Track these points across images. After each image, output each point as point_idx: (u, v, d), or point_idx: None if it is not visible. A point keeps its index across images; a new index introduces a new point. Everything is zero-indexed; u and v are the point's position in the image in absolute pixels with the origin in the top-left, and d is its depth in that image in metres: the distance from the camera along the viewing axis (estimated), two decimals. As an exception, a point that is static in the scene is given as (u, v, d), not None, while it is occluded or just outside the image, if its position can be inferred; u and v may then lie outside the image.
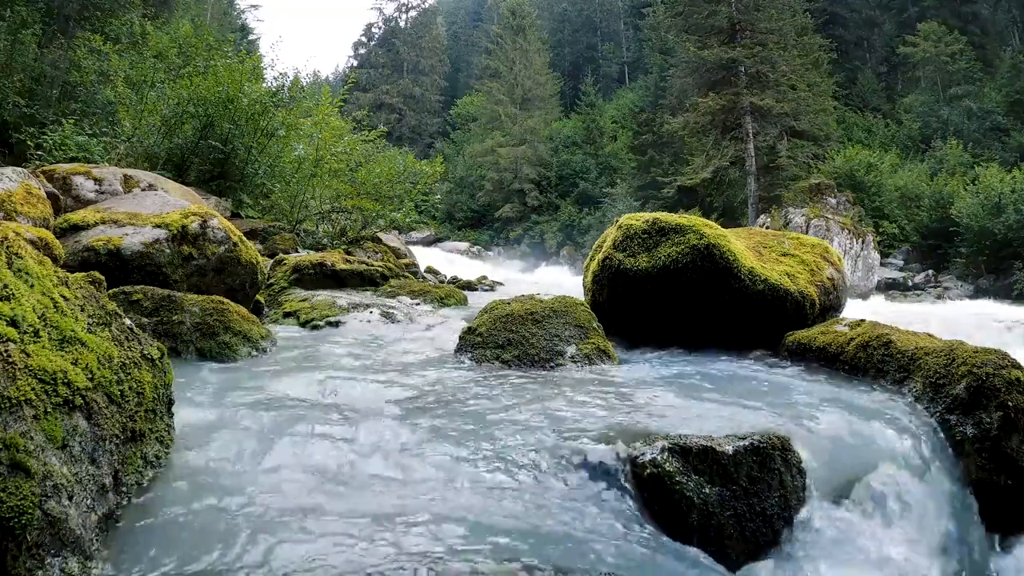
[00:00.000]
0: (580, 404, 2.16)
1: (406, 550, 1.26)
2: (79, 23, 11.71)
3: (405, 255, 8.64)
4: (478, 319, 3.08)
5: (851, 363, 2.72)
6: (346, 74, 41.44)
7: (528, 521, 1.44)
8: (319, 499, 1.46)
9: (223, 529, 1.30)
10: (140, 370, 1.56)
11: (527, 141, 37.65)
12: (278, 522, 1.33)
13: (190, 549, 1.23)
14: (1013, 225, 20.20)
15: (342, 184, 9.43)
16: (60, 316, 1.39)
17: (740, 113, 25.55)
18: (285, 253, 6.29)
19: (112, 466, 1.36)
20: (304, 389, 2.32)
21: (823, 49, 29.76)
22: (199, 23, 19.25)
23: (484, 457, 1.72)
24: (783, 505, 1.70)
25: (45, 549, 1.08)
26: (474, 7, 68.10)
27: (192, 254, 3.71)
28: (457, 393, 2.32)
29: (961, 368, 2.27)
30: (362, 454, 1.73)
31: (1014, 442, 2.11)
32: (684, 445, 1.69)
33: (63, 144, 7.78)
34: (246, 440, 1.77)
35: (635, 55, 48.71)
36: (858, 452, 1.98)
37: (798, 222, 21.71)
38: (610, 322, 3.38)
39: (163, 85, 9.29)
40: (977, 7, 37.45)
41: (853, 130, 33.22)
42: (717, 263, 3.21)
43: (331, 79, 58.34)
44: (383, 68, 51.19)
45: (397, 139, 40.91)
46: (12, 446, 1.07)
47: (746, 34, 25.97)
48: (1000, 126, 29.86)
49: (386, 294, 5.04)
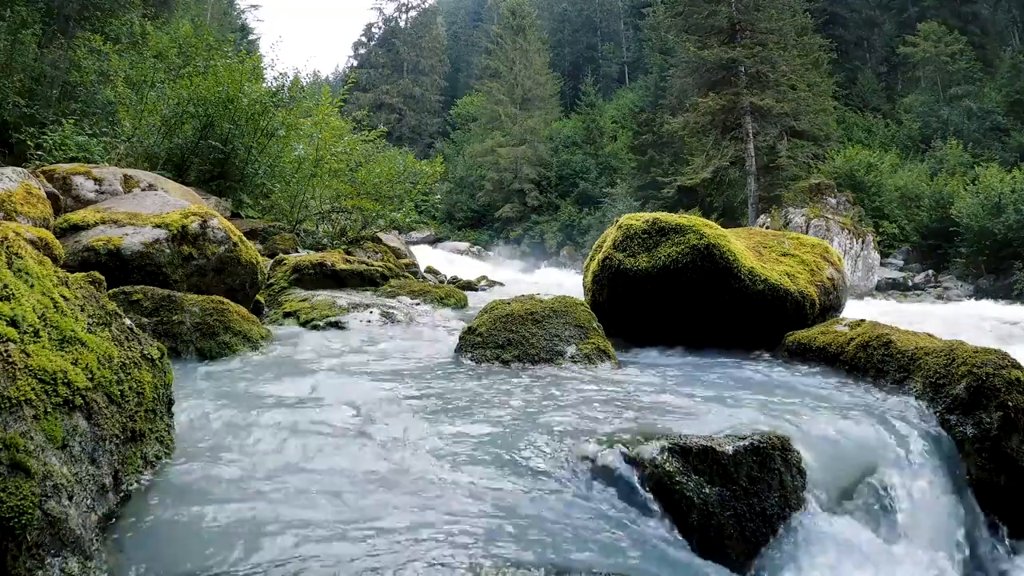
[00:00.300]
0: (580, 404, 2.16)
1: (405, 550, 1.26)
2: (79, 23, 11.70)
3: (405, 255, 8.64)
4: (478, 319, 3.08)
5: (851, 363, 2.72)
6: (346, 74, 41.44)
7: (526, 520, 1.44)
8: (319, 499, 1.46)
9: (223, 529, 1.30)
10: (140, 370, 1.56)
11: (527, 141, 37.66)
12: (278, 522, 1.33)
13: (190, 549, 1.23)
14: (1013, 225, 20.19)
15: (342, 184, 9.43)
16: (60, 316, 1.39)
17: (740, 113, 25.55)
18: (285, 253, 6.29)
19: (112, 466, 1.36)
20: (304, 389, 2.32)
21: (823, 49, 29.75)
22: (199, 23, 19.25)
23: (483, 457, 1.72)
24: (783, 505, 1.70)
25: (45, 549, 1.08)
26: (474, 7, 68.09)
27: (192, 254, 3.71)
28: (457, 393, 2.32)
29: (961, 368, 2.27)
30: (361, 453, 1.73)
31: (1014, 442, 2.11)
32: (684, 445, 1.69)
33: (63, 144, 7.77)
34: (246, 440, 1.77)
35: (635, 55, 48.70)
36: (858, 452, 1.98)
37: (798, 222, 21.72)
38: (610, 322, 3.38)
39: (163, 85, 9.28)
40: (977, 7, 37.44)
41: (853, 130, 33.22)
42: (717, 263, 3.21)
43: (331, 79, 58.35)
44: (383, 68, 51.19)
45: (397, 139, 40.90)
46: (12, 446, 1.07)
47: (746, 34, 25.97)
48: (1000, 126, 29.86)
49: (386, 294, 5.04)
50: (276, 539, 1.26)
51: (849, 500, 1.83)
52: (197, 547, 1.23)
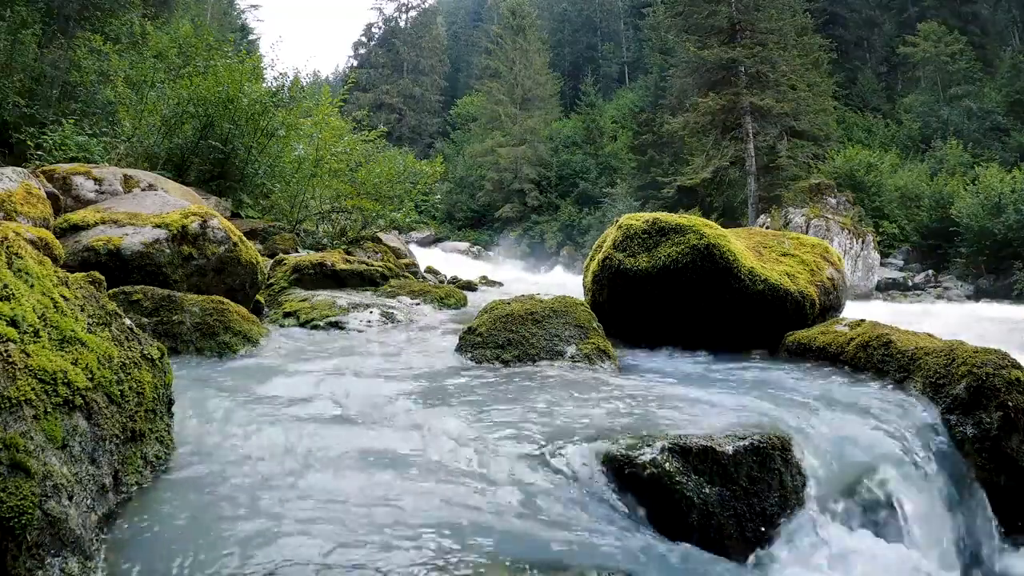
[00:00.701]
0: (580, 404, 2.16)
1: (403, 550, 1.26)
2: (79, 23, 11.70)
3: (405, 255, 8.64)
4: (478, 319, 3.08)
5: (851, 363, 2.72)
6: (346, 74, 41.45)
7: (527, 520, 1.44)
8: (320, 499, 1.46)
9: (223, 529, 1.30)
10: (140, 370, 1.56)
11: (527, 141, 37.66)
12: (279, 522, 1.33)
13: (190, 549, 1.23)
14: (1013, 225, 20.21)
15: (342, 184, 9.42)
16: (60, 316, 1.39)
17: (740, 113, 25.56)
18: (285, 253, 6.29)
19: (112, 466, 1.36)
20: (304, 389, 2.32)
21: (823, 49, 29.76)
22: (199, 23, 19.24)
23: (483, 457, 1.72)
24: (783, 505, 1.70)
25: (45, 549, 1.08)
26: (474, 7, 68.10)
27: (192, 254, 3.71)
28: (457, 393, 2.32)
29: (961, 368, 2.27)
30: (361, 453, 1.73)
31: (1014, 442, 2.11)
32: (684, 445, 1.69)
33: (63, 144, 7.77)
34: (246, 440, 1.77)
35: (635, 55, 48.71)
36: (858, 452, 1.98)
37: (798, 222, 21.72)
38: (610, 322, 3.38)
39: (163, 85, 9.28)
40: (977, 7, 37.45)
41: (853, 130, 33.23)
42: (717, 263, 3.21)
43: (331, 79, 58.35)
44: (383, 68, 51.20)
45: (397, 139, 40.91)
46: (12, 446, 1.07)
47: (746, 34, 25.98)
48: (1000, 126, 29.87)
49: (386, 294, 5.04)
50: (276, 539, 1.26)
51: (849, 500, 1.83)
52: (197, 547, 1.23)
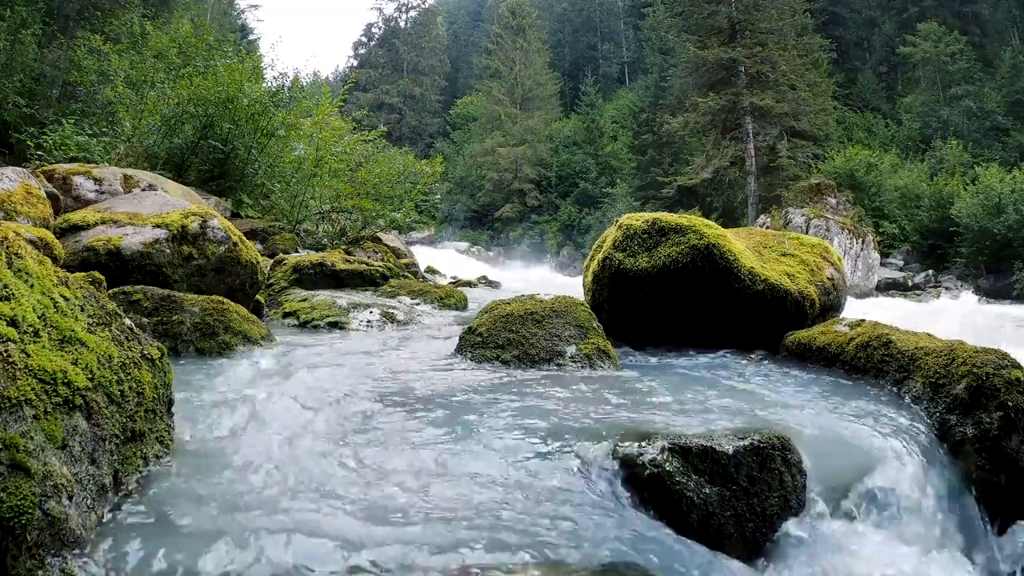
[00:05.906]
0: (580, 404, 2.16)
1: (402, 551, 1.26)
2: (79, 23, 11.72)
3: (405, 255, 8.65)
4: (478, 319, 3.08)
5: (851, 363, 2.72)
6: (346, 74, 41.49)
7: (527, 520, 1.44)
8: (320, 498, 1.46)
9: (224, 529, 1.30)
10: (140, 370, 1.56)
11: (527, 141, 37.68)
12: (279, 522, 1.33)
13: (191, 549, 1.23)
14: (1013, 225, 20.21)
15: (342, 184, 9.43)
16: (60, 316, 1.39)
17: (740, 113, 25.57)
18: (285, 253, 6.29)
19: (112, 466, 1.36)
20: (303, 389, 2.31)
21: (823, 49, 29.76)
22: (199, 23, 19.22)
23: (483, 457, 1.72)
24: (783, 505, 1.70)
25: (45, 549, 1.08)
26: (474, 7, 68.10)
27: (192, 254, 3.71)
28: (457, 393, 2.32)
29: (961, 368, 2.26)
30: (360, 453, 1.73)
31: (1014, 442, 2.11)
32: (684, 445, 1.69)
33: (63, 144, 7.78)
34: (246, 440, 1.77)
35: (635, 55, 48.72)
36: (858, 452, 1.98)
37: (798, 222, 21.73)
38: (610, 322, 3.38)
39: (163, 85, 9.30)
40: (977, 7, 37.47)
41: (853, 130, 33.24)
42: (717, 263, 3.21)
43: (331, 79, 58.31)
44: (383, 68, 51.20)
45: (397, 139, 40.89)
46: (12, 446, 1.07)
47: (746, 34, 25.99)
48: (1000, 126, 29.89)
49: (386, 294, 5.04)
50: (277, 539, 1.26)
51: (849, 500, 1.83)
52: (198, 547, 1.23)
